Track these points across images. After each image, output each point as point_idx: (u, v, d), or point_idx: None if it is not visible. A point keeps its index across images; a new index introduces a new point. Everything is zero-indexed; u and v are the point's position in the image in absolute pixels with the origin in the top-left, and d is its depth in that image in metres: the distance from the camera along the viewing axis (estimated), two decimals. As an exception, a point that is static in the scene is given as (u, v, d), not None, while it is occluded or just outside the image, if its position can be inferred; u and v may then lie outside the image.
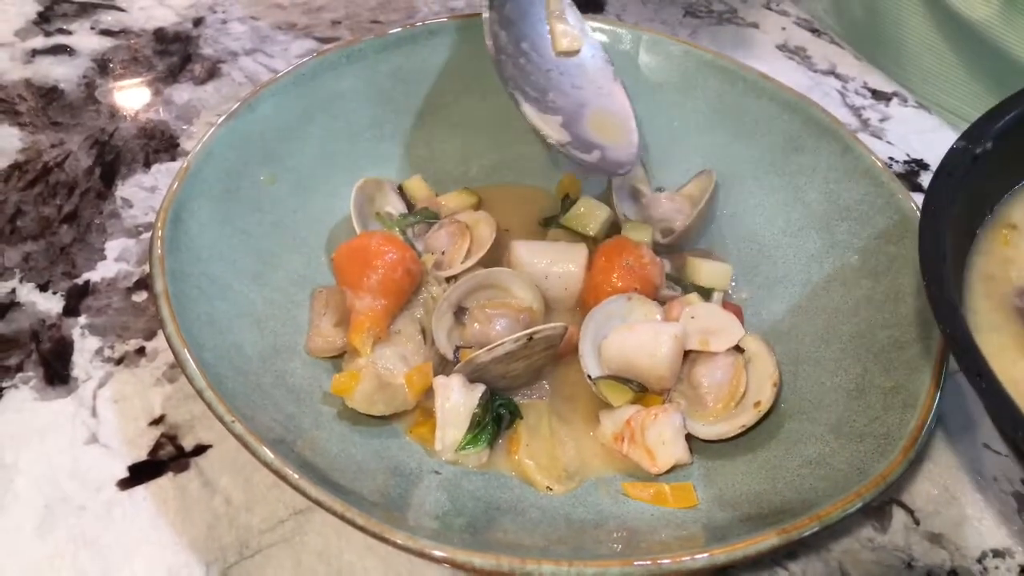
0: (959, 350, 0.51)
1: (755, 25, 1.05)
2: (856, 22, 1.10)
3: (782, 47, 1.02)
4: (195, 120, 0.86)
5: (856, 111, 0.94)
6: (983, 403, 0.52)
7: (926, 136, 0.91)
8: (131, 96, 0.89)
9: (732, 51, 0.99)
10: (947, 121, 0.95)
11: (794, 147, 0.74)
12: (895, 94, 0.97)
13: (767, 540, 0.50)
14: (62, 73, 0.90)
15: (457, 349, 0.63)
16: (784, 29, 1.05)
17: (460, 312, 0.65)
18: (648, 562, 0.48)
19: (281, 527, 0.57)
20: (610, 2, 1.07)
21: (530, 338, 0.60)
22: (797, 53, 1.02)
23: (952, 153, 0.60)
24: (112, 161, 0.81)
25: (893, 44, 1.04)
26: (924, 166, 0.88)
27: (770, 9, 1.08)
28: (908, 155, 0.89)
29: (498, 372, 0.61)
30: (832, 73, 0.99)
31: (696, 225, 0.73)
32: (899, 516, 0.60)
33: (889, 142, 0.90)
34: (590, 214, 0.72)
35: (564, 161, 0.76)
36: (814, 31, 1.05)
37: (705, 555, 0.49)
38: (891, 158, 0.88)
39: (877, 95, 0.97)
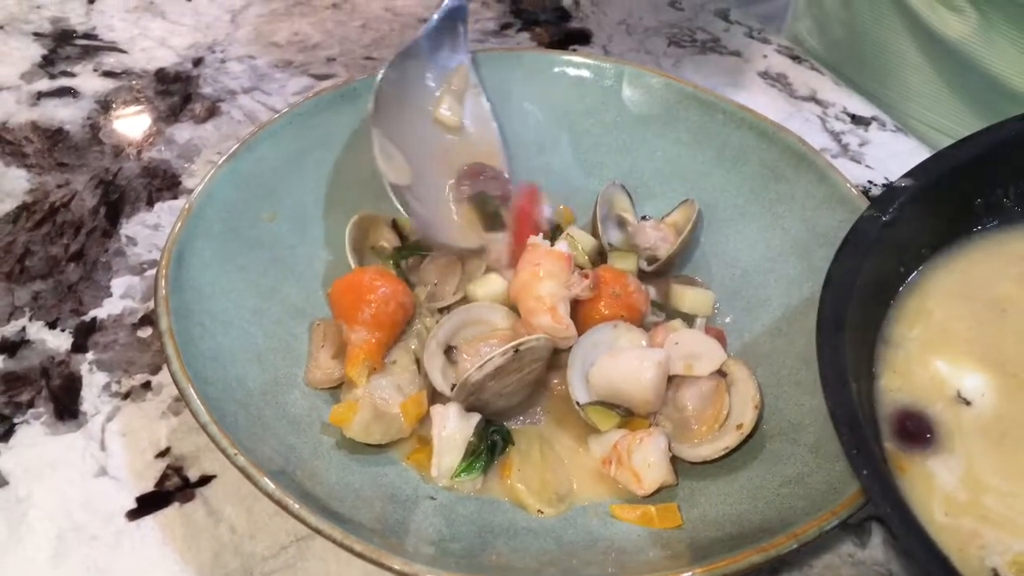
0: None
1: (737, 53, 1.08)
2: (838, 43, 1.13)
3: (764, 75, 1.05)
4: (196, 158, 0.89)
5: (836, 136, 0.97)
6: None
7: (904, 159, 0.94)
8: (134, 136, 0.92)
9: (715, 79, 1.03)
10: (924, 143, 0.97)
11: (773, 176, 0.77)
12: (874, 119, 1.00)
13: (747, 558, 0.52)
14: (67, 115, 0.94)
15: (453, 387, 0.65)
16: (766, 57, 1.08)
17: (450, 351, 0.67)
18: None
19: (284, 554, 0.59)
20: (596, 34, 1.10)
21: (516, 350, 0.62)
22: (779, 80, 1.05)
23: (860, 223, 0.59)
24: (116, 200, 0.84)
25: (874, 63, 1.07)
26: (902, 189, 0.90)
27: (752, 38, 1.11)
28: (886, 178, 0.92)
29: (494, 390, 0.63)
30: (812, 99, 1.02)
31: (680, 253, 0.76)
32: (878, 532, 0.63)
33: (868, 166, 0.93)
34: (577, 245, 0.75)
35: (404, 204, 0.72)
36: (795, 58, 1.08)
37: (688, 574, 0.51)
38: (870, 181, 0.91)
39: (856, 120, 1.00)
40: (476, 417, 0.63)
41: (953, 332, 0.60)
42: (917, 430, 0.55)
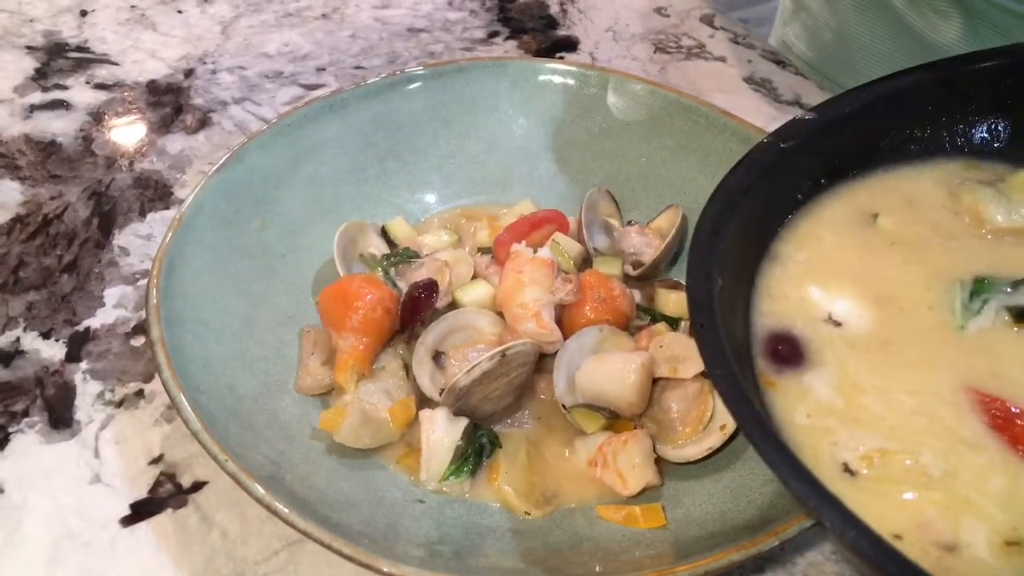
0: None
1: (722, 59, 1.10)
2: (826, 48, 1.14)
3: (749, 79, 1.07)
4: (188, 169, 0.90)
5: (820, 140, 0.98)
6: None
7: (887, 162, 0.95)
8: (126, 147, 0.93)
9: (701, 85, 1.04)
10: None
11: (755, 180, 0.78)
12: (857, 122, 1.01)
13: (728, 556, 0.53)
14: (60, 127, 0.95)
15: (442, 392, 0.66)
16: (750, 62, 1.09)
17: (438, 357, 0.68)
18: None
19: (275, 558, 0.60)
20: (583, 41, 1.12)
21: (503, 355, 0.63)
22: (763, 85, 1.06)
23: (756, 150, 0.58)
24: (109, 211, 0.85)
25: (862, 68, 1.08)
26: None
27: (737, 43, 1.13)
28: (869, 181, 0.93)
29: (482, 394, 0.65)
30: (797, 103, 1.03)
31: (664, 257, 0.77)
32: (860, 529, 0.64)
33: (851, 169, 0.94)
34: (562, 250, 0.76)
35: None
36: (779, 63, 1.10)
37: (671, 573, 0.52)
38: (853, 185, 0.92)
39: (840, 123, 1.01)
40: (464, 421, 0.64)
41: (839, 260, 0.59)
42: (789, 353, 0.54)
